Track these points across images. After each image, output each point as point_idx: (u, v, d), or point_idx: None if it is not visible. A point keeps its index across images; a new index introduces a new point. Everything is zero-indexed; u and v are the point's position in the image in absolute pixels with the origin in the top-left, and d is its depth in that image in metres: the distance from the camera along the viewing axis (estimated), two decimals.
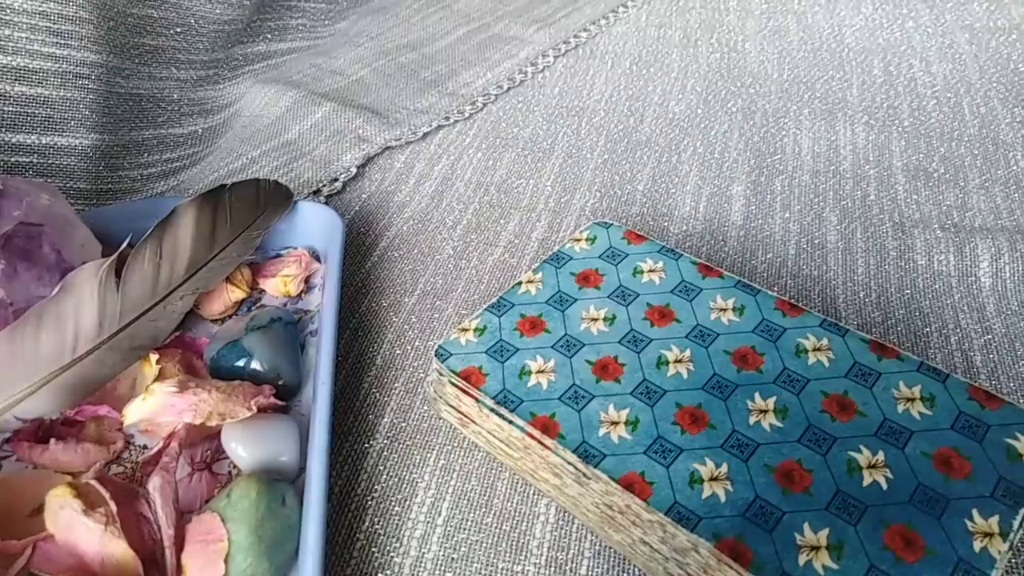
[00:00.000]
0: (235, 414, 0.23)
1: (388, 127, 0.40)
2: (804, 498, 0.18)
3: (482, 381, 0.22)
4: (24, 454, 0.24)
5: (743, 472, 0.19)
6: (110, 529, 0.20)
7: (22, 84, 0.33)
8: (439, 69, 0.46)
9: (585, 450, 0.20)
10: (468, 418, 0.23)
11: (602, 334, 0.23)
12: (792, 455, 0.19)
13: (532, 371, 0.22)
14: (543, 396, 0.21)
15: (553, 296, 0.24)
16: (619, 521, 0.20)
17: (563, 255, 0.26)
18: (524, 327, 0.23)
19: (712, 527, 0.18)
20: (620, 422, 0.20)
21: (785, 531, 0.17)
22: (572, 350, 0.22)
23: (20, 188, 0.26)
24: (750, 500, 0.18)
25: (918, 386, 0.21)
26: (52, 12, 0.34)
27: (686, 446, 0.19)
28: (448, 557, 0.23)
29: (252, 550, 0.20)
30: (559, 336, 0.23)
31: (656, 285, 0.24)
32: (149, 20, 0.40)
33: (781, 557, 0.17)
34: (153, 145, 0.39)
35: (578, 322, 0.23)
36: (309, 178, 0.37)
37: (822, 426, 0.20)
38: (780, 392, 0.21)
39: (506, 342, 0.23)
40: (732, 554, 0.17)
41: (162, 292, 0.25)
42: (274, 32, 0.49)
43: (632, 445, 0.20)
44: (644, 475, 0.19)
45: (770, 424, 0.20)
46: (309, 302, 0.31)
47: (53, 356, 0.23)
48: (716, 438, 0.20)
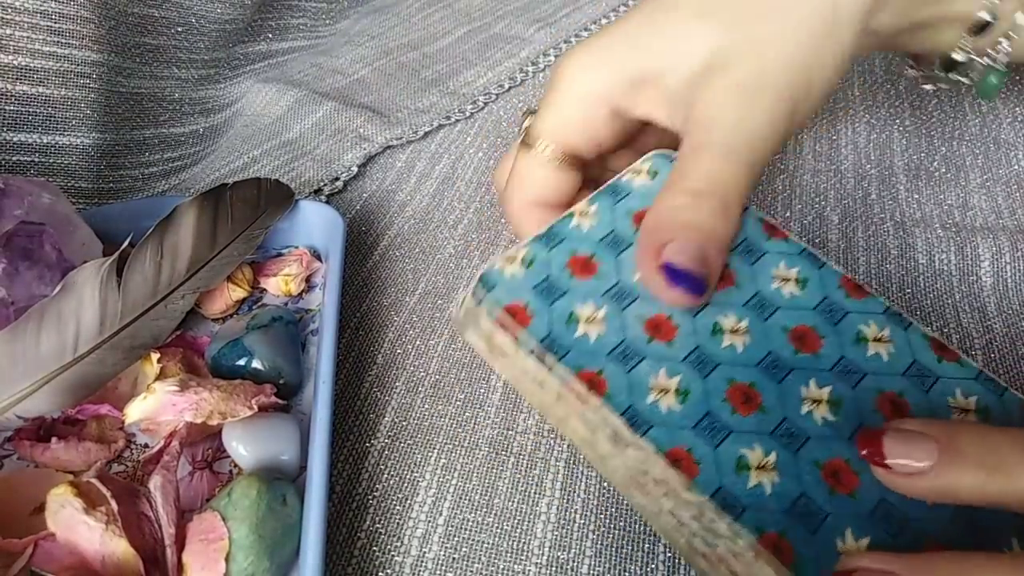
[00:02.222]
0: (236, 413, 0.23)
1: (389, 126, 0.40)
2: (849, 501, 0.17)
3: (527, 321, 0.20)
4: (25, 453, 0.24)
5: (791, 465, 0.18)
6: (111, 528, 0.20)
7: (23, 83, 0.33)
8: (440, 68, 0.46)
9: (633, 416, 0.18)
10: (500, 350, 0.21)
11: None
12: (842, 454, 0.18)
13: (581, 319, 0.20)
14: (590, 348, 0.19)
15: (607, 236, 0.22)
16: (649, 488, 0.19)
17: (620, 188, 0.23)
18: (575, 267, 0.21)
19: (756, 519, 0.17)
20: (670, 390, 0.19)
21: (827, 534, 0.17)
22: (624, 301, 0.20)
23: (21, 187, 0.26)
24: (796, 496, 0.17)
25: (974, 397, 0.19)
26: (53, 11, 0.34)
27: (736, 427, 0.18)
28: (449, 557, 0.23)
29: (253, 549, 0.20)
30: (611, 283, 0.21)
31: None
32: (150, 19, 0.40)
33: (821, 561, 0.16)
34: (154, 144, 0.39)
35: (632, 270, 0.21)
36: (310, 177, 0.37)
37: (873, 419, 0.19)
38: (836, 383, 0.19)
39: (555, 280, 0.21)
40: (774, 550, 0.16)
41: (163, 291, 0.25)
42: (275, 31, 0.49)
43: (681, 418, 0.18)
44: (692, 452, 0.18)
45: (822, 417, 0.19)
46: (310, 301, 0.31)
47: (54, 355, 0.23)
48: (767, 424, 0.18)
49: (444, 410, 0.27)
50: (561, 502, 0.24)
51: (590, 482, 0.24)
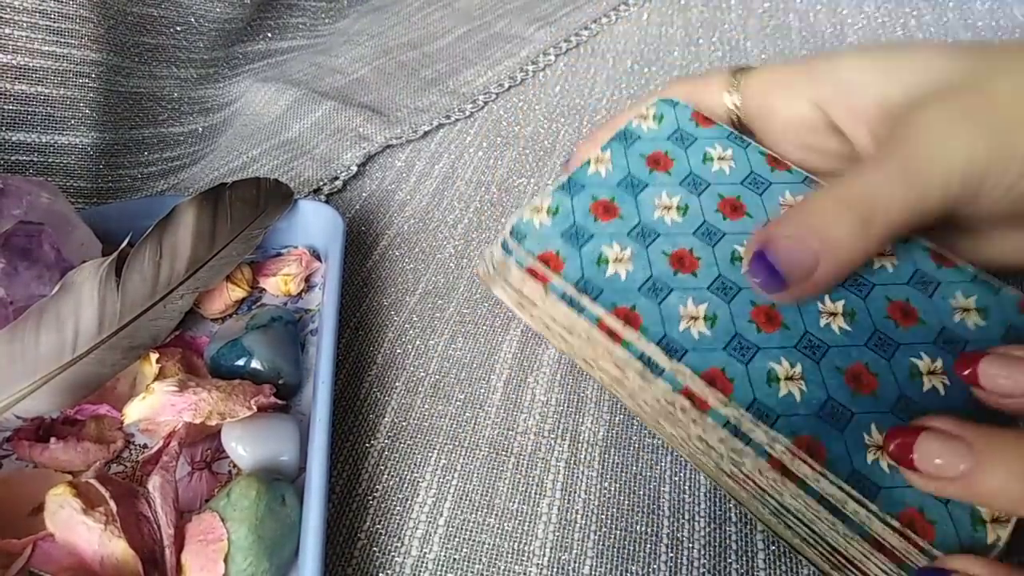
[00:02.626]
0: (235, 413, 0.23)
1: (389, 125, 0.40)
2: (871, 400, 0.19)
3: (560, 267, 0.21)
4: (24, 453, 0.24)
5: (815, 373, 0.19)
6: (110, 528, 0.20)
7: (22, 82, 0.33)
8: (440, 68, 0.46)
9: (668, 344, 0.20)
10: (530, 301, 0.22)
11: (676, 224, 0.22)
12: (860, 358, 0.20)
13: (609, 259, 0.21)
14: (622, 286, 0.21)
15: (624, 179, 0.23)
16: (678, 418, 0.20)
17: (630, 133, 0.25)
18: (598, 211, 0.22)
19: (790, 425, 0.18)
20: (699, 317, 0.20)
21: (855, 431, 0.18)
22: (648, 239, 0.22)
23: (20, 187, 0.26)
24: (823, 400, 0.19)
25: (973, 297, 0.21)
26: (52, 10, 0.34)
27: (763, 344, 0.20)
28: (450, 558, 0.22)
29: (252, 550, 0.20)
30: (633, 223, 0.22)
31: (726, 175, 0.24)
32: (149, 18, 0.40)
33: (851, 455, 0.18)
34: (153, 144, 0.39)
35: (652, 209, 0.23)
36: (309, 177, 0.37)
37: (887, 332, 0.20)
38: (848, 295, 0.21)
39: (581, 226, 0.22)
40: (808, 450, 0.18)
41: (162, 291, 0.25)
42: (274, 30, 0.49)
43: (712, 341, 0.20)
44: (725, 371, 0.19)
45: (839, 327, 0.20)
46: (310, 301, 0.31)
47: (53, 355, 0.23)
48: (790, 338, 0.20)
49: (444, 410, 0.27)
50: (562, 503, 0.24)
51: (591, 482, 0.24)
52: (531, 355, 0.28)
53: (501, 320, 0.30)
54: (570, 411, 0.26)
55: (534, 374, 0.27)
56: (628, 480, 0.24)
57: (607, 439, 0.25)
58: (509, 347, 0.28)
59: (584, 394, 0.27)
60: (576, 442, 0.25)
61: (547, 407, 0.26)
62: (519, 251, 0.22)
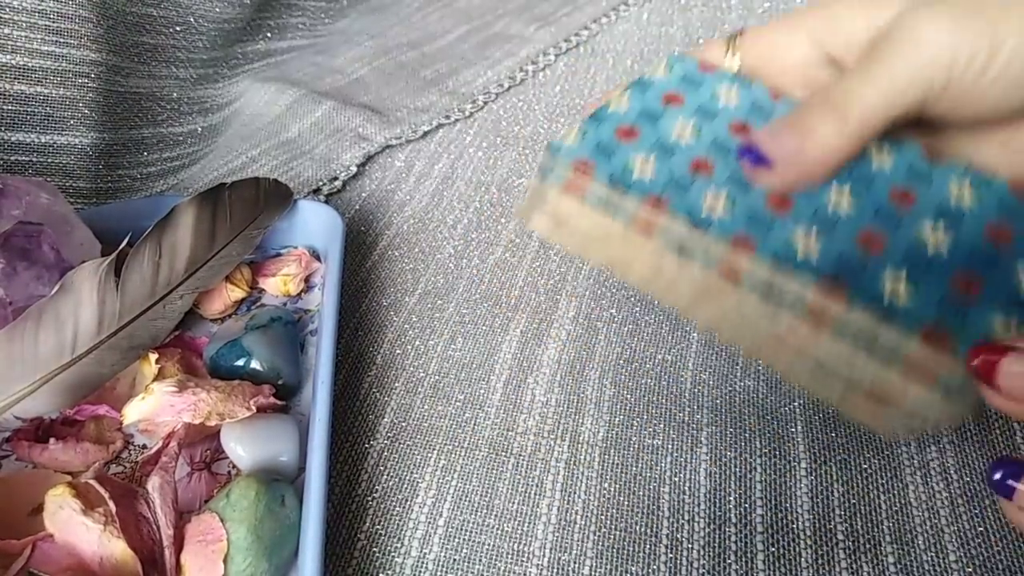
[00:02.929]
0: (234, 414, 0.23)
1: (388, 125, 0.40)
2: (882, 256, 0.21)
3: (592, 170, 0.23)
4: (23, 453, 0.24)
5: (829, 238, 0.22)
6: (109, 529, 0.20)
7: (21, 82, 0.33)
8: (439, 68, 0.46)
9: (695, 221, 0.22)
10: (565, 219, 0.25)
11: (692, 143, 0.25)
12: (869, 227, 0.22)
13: (635, 166, 0.24)
14: (649, 183, 0.23)
15: (643, 112, 0.26)
16: (713, 295, 0.22)
17: (645, 82, 0.27)
18: (621, 134, 0.25)
19: (813, 272, 0.21)
20: (720, 202, 0.23)
21: (871, 275, 0.21)
22: (668, 153, 0.24)
23: (19, 187, 0.26)
24: (838, 254, 0.21)
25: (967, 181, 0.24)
26: (52, 10, 0.34)
27: (781, 219, 0.22)
28: (450, 558, 0.22)
29: (251, 550, 0.20)
30: (654, 141, 0.25)
31: (733, 106, 0.26)
32: (149, 18, 0.40)
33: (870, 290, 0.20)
34: (153, 144, 0.39)
35: (669, 132, 0.25)
36: (309, 177, 0.37)
37: (891, 210, 0.23)
38: (849, 186, 0.23)
39: (608, 143, 0.24)
40: (830, 289, 0.20)
41: (161, 291, 0.25)
42: (274, 30, 0.49)
43: (734, 218, 0.22)
44: (749, 238, 0.22)
45: (845, 210, 0.22)
46: (309, 301, 0.31)
47: (52, 355, 0.23)
48: (802, 215, 0.22)
49: (444, 411, 0.27)
50: (562, 503, 0.24)
51: (591, 483, 0.24)
52: (531, 355, 0.28)
53: (501, 320, 0.30)
54: (570, 412, 0.26)
55: (534, 375, 0.27)
56: (628, 481, 0.24)
57: (607, 440, 0.25)
58: (509, 347, 0.28)
59: (584, 395, 0.27)
60: (576, 443, 0.25)
61: (547, 408, 0.26)
62: (555, 167, 0.24)
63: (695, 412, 0.26)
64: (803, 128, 0.23)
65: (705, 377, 0.27)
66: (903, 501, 0.23)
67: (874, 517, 0.23)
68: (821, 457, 0.24)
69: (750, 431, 0.25)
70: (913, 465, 0.24)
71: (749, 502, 0.23)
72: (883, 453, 0.24)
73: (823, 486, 0.24)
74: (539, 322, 0.29)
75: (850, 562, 0.22)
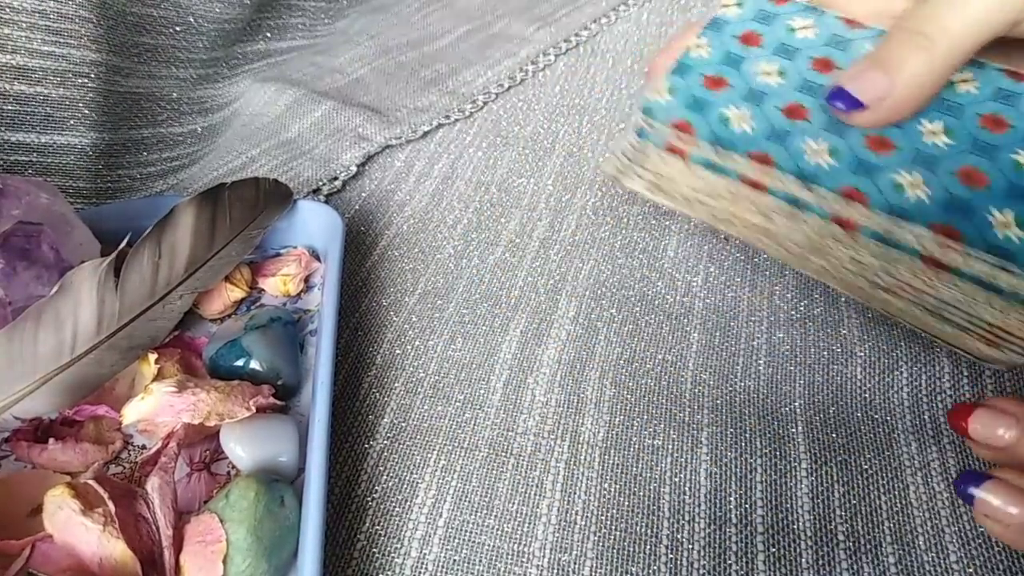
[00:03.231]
0: (234, 414, 0.23)
1: (388, 125, 0.40)
2: (986, 192, 0.21)
3: (693, 131, 0.24)
4: (23, 454, 0.24)
5: (933, 178, 0.22)
6: (108, 529, 0.20)
7: (21, 83, 0.33)
8: (439, 68, 0.46)
9: (802, 174, 0.23)
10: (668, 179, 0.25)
11: (780, 86, 0.25)
12: (967, 162, 0.22)
13: (732, 119, 0.24)
14: (750, 138, 0.24)
15: (724, 56, 0.26)
16: (828, 245, 0.23)
17: (719, 21, 0.27)
18: (709, 84, 0.25)
19: (926, 219, 0.21)
20: (822, 151, 0.23)
21: (980, 214, 0.21)
22: (759, 100, 0.24)
23: (19, 187, 0.26)
24: (947, 198, 0.22)
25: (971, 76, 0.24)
26: (51, 11, 0.34)
27: (883, 164, 0.22)
28: (450, 559, 0.22)
29: (251, 551, 0.20)
30: (743, 89, 0.25)
31: (811, 40, 0.26)
32: (148, 19, 0.40)
33: (984, 234, 0.21)
34: (152, 144, 0.39)
35: (755, 76, 0.25)
36: (309, 177, 0.37)
37: (984, 139, 0.22)
38: (943, 117, 0.23)
39: (699, 97, 0.25)
40: (948, 236, 0.21)
41: (161, 291, 0.25)
42: (274, 31, 0.49)
43: (839, 168, 0.23)
44: (857, 188, 0.22)
45: (942, 142, 0.23)
46: (309, 301, 0.31)
47: (52, 355, 0.23)
48: (904, 156, 0.23)
49: (443, 411, 0.27)
50: (562, 504, 0.24)
51: (591, 483, 0.24)
52: (531, 356, 0.28)
53: (501, 320, 0.30)
54: (570, 412, 0.26)
55: (534, 375, 0.27)
56: (628, 481, 0.24)
57: (607, 440, 0.25)
58: (509, 348, 0.28)
59: (584, 395, 0.27)
60: (576, 443, 0.25)
61: (547, 408, 0.26)
62: (654, 129, 0.25)
63: (695, 412, 0.26)
64: (890, 64, 0.23)
65: (705, 377, 0.27)
66: (904, 502, 0.23)
67: (875, 518, 0.23)
68: (822, 458, 0.24)
69: (750, 431, 0.25)
70: (914, 466, 0.24)
71: (749, 502, 0.23)
72: (884, 454, 0.24)
73: (824, 486, 0.24)
74: (539, 322, 0.29)
75: (851, 563, 0.22)
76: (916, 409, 0.25)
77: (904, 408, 0.25)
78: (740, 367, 0.27)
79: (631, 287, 0.31)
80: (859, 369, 0.27)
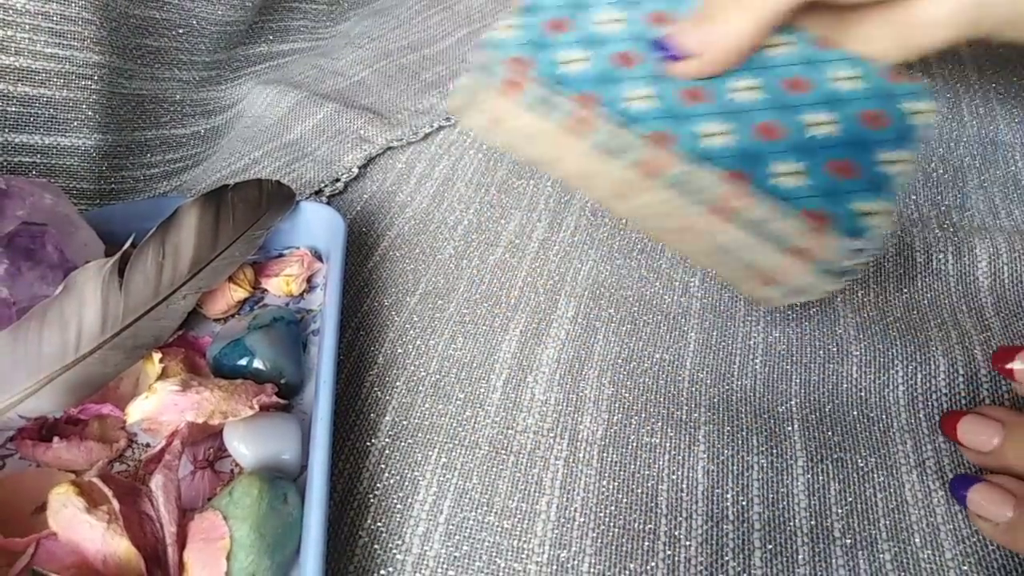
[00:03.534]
0: (237, 413, 0.23)
1: (389, 128, 0.40)
2: (776, 144, 0.24)
3: (529, 67, 0.25)
4: (27, 452, 0.24)
5: (736, 129, 0.25)
6: (112, 527, 0.20)
7: (25, 85, 0.34)
8: (440, 70, 0.47)
9: (625, 114, 0.24)
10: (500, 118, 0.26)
11: (616, 33, 0.27)
12: (766, 118, 0.25)
13: (567, 60, 0.26)
14: (582, 77, 0.25)
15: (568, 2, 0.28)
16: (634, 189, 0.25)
17: None
18: (552, 26, 0.27)
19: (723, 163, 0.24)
20: (644, 97, 0.25)
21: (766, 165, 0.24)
22: (596, 46, 0.26)
23: (23, 188, 0.26)
24: (744, 147, 0.24)
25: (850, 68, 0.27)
26: (55, 13, 0.34)
27: (695, 112, 0.25)
28: (450, 555, 0.23)
29: (254, 548, 0.20)
30: (583, 34, 0.27)
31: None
32: (152, 21, 0.40)
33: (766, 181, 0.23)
34: (156, 145, 0.39)
35: (594, 24, 0.27)
36: (311, 178, 0.37)
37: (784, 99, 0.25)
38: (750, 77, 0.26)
39: (540, 38, 0.26)
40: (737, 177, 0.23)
41: (165, 291, 0.26)
42: (276, 33, 0.49)
43: (657, 112, 0.25)
44: (668, 132, 0.24)
45: (748, 99, 0.25)
46: (311, 301, 0.31)
47: (56, 355, 0.23)
48: (713, 108, 0.25)
49: (444, 409, 0.27)
50: (561, 500, 0.24)
51: (590, 481, 0.24)
52: (530, 355, 0.28)
53: (501, 320, 0.30)
54: (569, 410, 0.26)
55: (533, 373, 0.28)
56: (626, 478, 0.24)
57: (605, 438, 0.25)
58: (509, 347, 0.29)
59: (583, 393, 0.27)
60: (575, 441, 0.25)
61: (546, 406, 0.27)
62: (493, 62, 0.26)
63: (692, 410, 0.26)
64: (715, 20, 0.25)
65: (702, 376, 0.27)
66: (900, 499, 0.23)
67: (871, 515, 0.23)
68: (818, 455, 0.25)
69: (747, 429, 0.25)
70: (909, 463, 0.24)
71: (746, 499, 0.24)
72: (879, 451, 0.25)
73: (820, 483, 0.24)
74: (538, 322, 0.30)
75: (847, 559, 0.22)
76: (911, 407, 0.26)
77: (899, 406, 0.26)
78: (737, 366, 0.28)
79: (629, 287, 0.31)
80: (855, 368, 0.27)
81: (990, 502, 0.21)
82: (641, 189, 0.25)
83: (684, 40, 0.25)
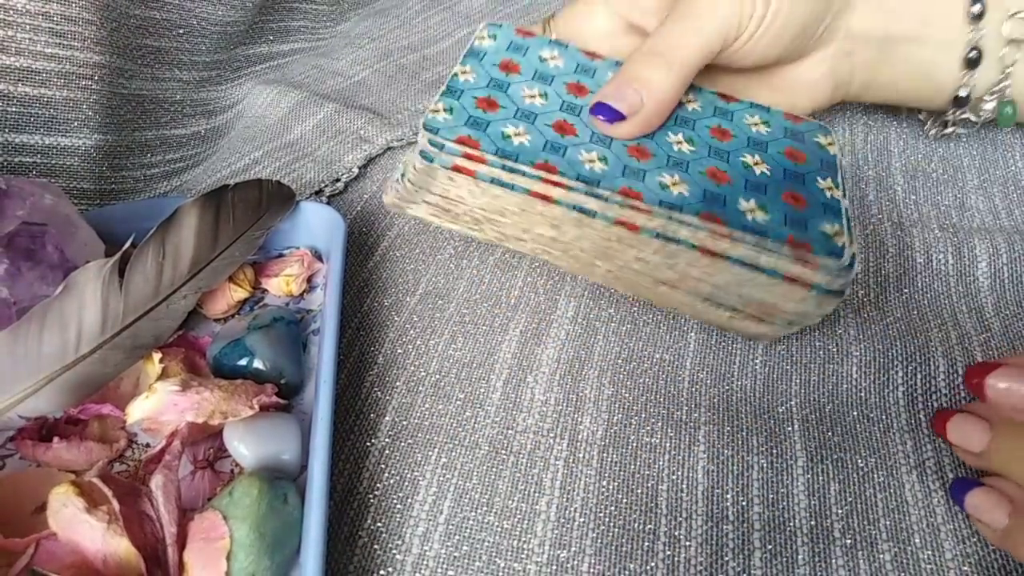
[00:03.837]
0: (237, 413, 0.23)
1: (390, 128, 0.40)
2: (730, 186, 0.26)
3: (478, 145, 0.25)
4: (27, 452, 0.24)
5: (687, 177, 0.26)
6: (112, 527, 0.20)
7: (25, 85, 0.34)
8: (440, 70, 0.47)
9: (584, 178, 0.25)
10: (454, 202, 0.27)
11: (545, 106, 0.28)
12: (710, 164, 0.27)
13: (511, 134, 0.26)
14: (530, 149, 0.25)
15: (490, 82, 0.28)
16: (614, 249, 0.25)
17: (476, 51, 0.30)
18: (483, 105, 0.27)
19: (693, 210, 0.24)
20: (595, 160, 0.26)
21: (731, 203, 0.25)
22: (530, 119, 0.27)
23: (24, 188, 0.26)
24: (702, 192, 0.25)
25: (756, 115, 0.30)
26: (55, 13, 0.34)
27: (647, 168, 0.26)
28: (450, 555, 0.23)
29: (254, 548, 0.20)
30: (514, 111, 0.27)
31: (562, 68, 0.30)
32: (152, 21, 0.40)
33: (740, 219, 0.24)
34: (156, 146, 0.39)
35: (522, 99, 0.28)
36: (311, 178, 0.37)
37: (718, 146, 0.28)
38: (682, 130, 0.28)
39: (477, 116, 0.27)
40: (712, 220, 0.24)
41: (165, 291, 0.26)
42: (276, 34, 0.49)
43: (612, 172, 0.25)
44: (632, 187, 0.25)
45: (688, 149, 0.27)
46: (311, 301, 0.31)
47: (56, 355, 0.23)
48: (661, 161, 0.26)
49: (444, 409, 0.27)
50: (561, 501, 0.24)
51: (589, 481, 0.24)
52: (530, 355, 0.28)
53: (501, 320, 0.30)
54: (569, 410, 0.26)
55: (533, 374, 0.28)
56: (626, 478, 0.24)
57: (605, 438, 0.25)
58: (509, 347, 0.29)
59: (583, 394, 0.27)
60: (575, 441, 0.25)
61: (546, 406, 0.27)
62: (440, 150, 0.26)
63: (692, 411, 0.26)
64: (639, 79, 0.27)
65: (702, 376, 0.27)
66: (899, 499, 0.23)
67: (871, 515, 0.23)
68: (817, 455, 0.25)
69: (747, 429, 0.26)
70: (909, 464, 0.24)
71: (746, 499, 0.24)
72: (879, 452, 0.25)
73: (820, 484, 0.24)
74: (538, 322, 0.30)
75: (847, 559, 0.22)
76: (911, 408, 0.26)
77: (899, 407, 0.26)
78: (737, 366, 0.28)
79: None
80: (855, 368, 0.27)
81: (986, 508, 0.21)
82: (627, 245, 0.25)
83: (620, 101, 0.26)
